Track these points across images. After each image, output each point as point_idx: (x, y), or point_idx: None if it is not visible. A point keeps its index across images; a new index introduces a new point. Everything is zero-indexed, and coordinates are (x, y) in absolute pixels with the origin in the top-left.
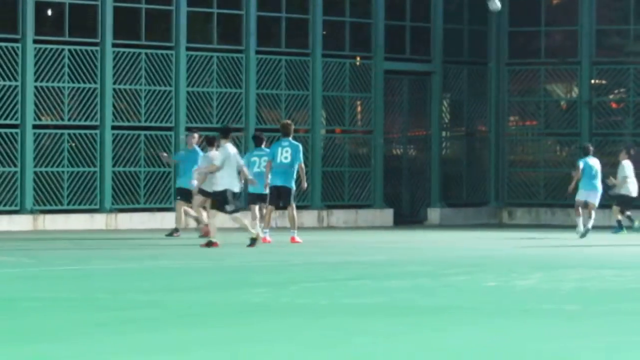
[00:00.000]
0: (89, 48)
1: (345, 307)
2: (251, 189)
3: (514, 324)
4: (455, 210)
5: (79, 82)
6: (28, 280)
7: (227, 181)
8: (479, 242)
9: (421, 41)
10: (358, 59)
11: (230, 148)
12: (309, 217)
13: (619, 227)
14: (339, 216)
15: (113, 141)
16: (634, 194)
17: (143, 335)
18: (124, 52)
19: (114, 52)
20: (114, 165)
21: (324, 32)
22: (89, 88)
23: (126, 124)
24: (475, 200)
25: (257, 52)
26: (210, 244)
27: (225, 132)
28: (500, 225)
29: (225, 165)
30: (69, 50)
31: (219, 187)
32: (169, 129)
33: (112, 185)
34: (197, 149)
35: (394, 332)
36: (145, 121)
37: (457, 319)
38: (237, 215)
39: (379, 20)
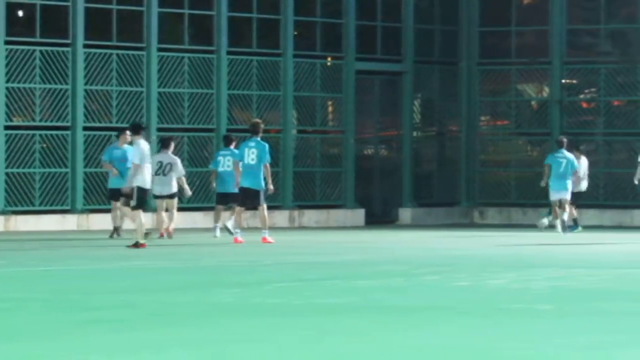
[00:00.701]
0: (60, 49)
1: (318, 306)
2: (219, 189)
3: (486, 323)
4: (427, 210)
5: (50, 83)
6: (0, 280)
7: (141, 178)
8: (450, 241)
9: (392, 41)
10: (329, 59)
11: (143, 144)
12: (281, 217)
13: (575, 226)
14: (310, 216)
15: (84, 142)
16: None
17: (116, 335)
18: (95, 53)
19: (85, 53)
20: (85, 166)
21: (295, 33)
22: (61, 89)
23: (98, 124)
24: (446, 200)
25: (229, 53)
26: (137, 245)
27: (135, 129)
28: (472, 225)
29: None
30: (40, 51)
31: (138, 184)
32: None
33: (83, 186)
34: (128, 147)
35: (367, 331)
36: (117, 122)
37: (430, 318)
38: (136, 212)
39: (350, 20)
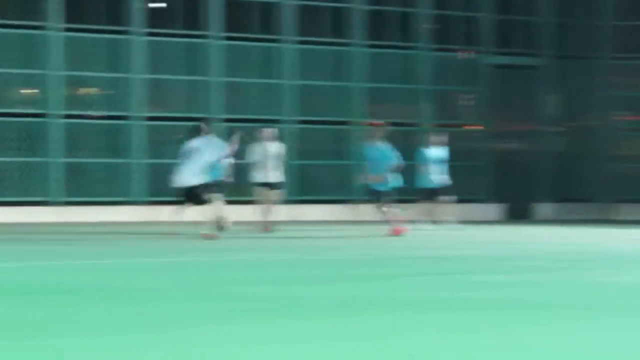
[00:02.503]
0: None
1: (453, 301)
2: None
3: (625, 322)
4: (564, 205)
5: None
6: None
7: None
8: (590, 237)
9: (529, 35)
10: (467, 53)
11: None
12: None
13: None
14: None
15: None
16: None
17: (251, 326)
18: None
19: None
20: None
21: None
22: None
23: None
24: (584, 196)
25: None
26: None
27: None
28: (610, 221)
29: None
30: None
31: None
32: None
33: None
34: None
35: (505, 327)
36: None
37: (567, 316)
38: None
39: (486, 15)
